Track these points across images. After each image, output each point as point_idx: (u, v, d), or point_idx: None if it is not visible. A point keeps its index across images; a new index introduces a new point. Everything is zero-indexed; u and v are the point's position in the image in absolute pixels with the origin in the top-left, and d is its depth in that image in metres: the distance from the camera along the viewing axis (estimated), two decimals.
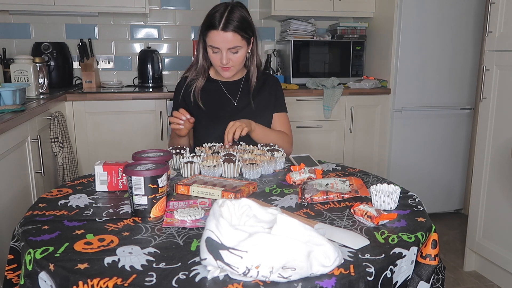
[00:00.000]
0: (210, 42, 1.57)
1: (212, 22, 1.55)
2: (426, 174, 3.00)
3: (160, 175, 0.98)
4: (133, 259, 0.79)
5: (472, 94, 2.98)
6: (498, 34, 2.11)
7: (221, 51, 1.57)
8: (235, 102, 1.72)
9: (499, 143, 2.15)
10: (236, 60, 1.61)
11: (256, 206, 0.80)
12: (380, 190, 1.05)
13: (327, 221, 0.98)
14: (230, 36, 1.54)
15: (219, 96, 1.73)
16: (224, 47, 1.56)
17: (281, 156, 1.41)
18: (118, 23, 3.08)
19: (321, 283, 0.72)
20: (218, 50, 1.58)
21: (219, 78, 1.74)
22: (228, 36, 1.54)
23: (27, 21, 2.93)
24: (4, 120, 1.55)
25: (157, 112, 2.63)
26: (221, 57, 1.58)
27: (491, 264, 2.27)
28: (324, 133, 2.88)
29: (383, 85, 2.94)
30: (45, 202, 1.09)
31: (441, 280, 1.01)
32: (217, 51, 1.58)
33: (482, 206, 2.28)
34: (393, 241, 0.88)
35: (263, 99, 1.73)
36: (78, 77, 3.02)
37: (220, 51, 1.58)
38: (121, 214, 1.02)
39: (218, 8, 1.57)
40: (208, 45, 1.59)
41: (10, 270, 1.00)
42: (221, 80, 1.74)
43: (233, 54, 1.59)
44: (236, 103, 1.72)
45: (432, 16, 2.80)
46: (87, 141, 2.58)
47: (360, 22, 3.15)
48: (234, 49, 1.58)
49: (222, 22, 1.53)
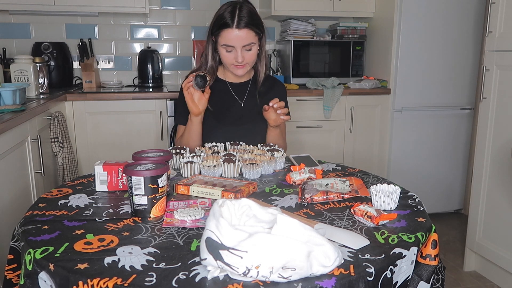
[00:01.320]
0: (223, 41, 1.56)
1: (225, 21, 1.54)
2: (426, 174, 3.00)
3: (160, 175, 0.98)
4: (133, 259, 0.79)
5: (472, 94, 2.98)
6: (498, 34, 2.11)
7: (235, 50, 1.57)
8: (242, 103, 1.72)
9: (499, 143, 2.15)
10: (250, 58, 1.61)
11: (256, 206, 0.80)
12: (380, 190, 1.05)
13: (327, 221, 0.98)
14: (245, 33, 1.54)
15: (226, 96, 1.72)
16: (239, 45, 1.55)
17: (281, 156, 1.41)
18: (118, 23, 3.08)
19: (321, 283, 0.72)
20: (232, 49, 1.57)
21: (227, 79, 1.74)
22: (243, 34, 1.54)
23: (27, 21, 2.93)
24: (4, 120, 1.55)
25: (157, 112, 2.63)
26: (236, 56, 1.57)
27: (491, 264, 2.27)
28: (324, 133, 2.88)
29: (383, 85, 2.94)
30: (45, 202, 1.09)
31: (441, 280, 1.01)
32: (231, 49, 1.57)
33: (482, 206, 2.28)
34: (393, 241, 0.88)
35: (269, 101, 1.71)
36: (78, 77, 3.02)
37: (234, 49, 1.57)
38: (121, 214, 1.02)
39: (227, 7, 1.56)
40: (222, 44, 1.58)
41: (10, 270, 1.00)
42: (229, 81, 1.74)
43: (247, 51, 1.59)
44: (243, 104, 1.72)
45: (432, 16, 2.80)
46: (87, 141, 2.58)
47: (360, 22, 3.15)
48: (248, 46, 1.57)
49: (235, 20, 1.52)
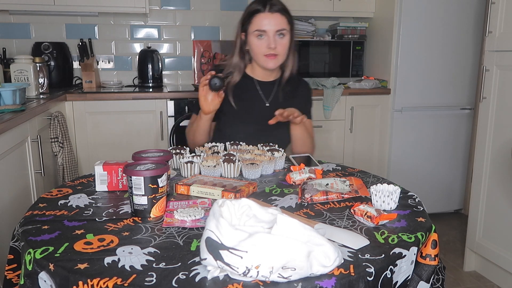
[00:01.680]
0: (256, 26, 1.54)
1: (256, 8, 1.54)
2: (426, 174, 3.00)
3: (160, 175, 0.98)
4: (133, 259, 0.79)
5: (472, 94, 2.98)
6: (498, 34, 2.11)
7: (267, 35, 1.54)
8: (267, 102, 1.69)
9: (499, 143, 2.15)
10: (282, 47, 1.57)
11: (256, 206, 0.80)
12: (380, 190, 1.05)
13: (327, 221, 0.98)
14: (278, 17, 1.53)
15: (252, 94, 1.68)
16: (272, 30, 1.53)
17: (281, 156, 1.41)
18: (118, 23, 3.08)
19: (321, 283, 0.72)
20: (265, 34, 1.55)
21: (255, 76, 1.70)
22: (276, 17, 1.53)
23: (27, 21, 2.93)
24: (4, 120, 1.55)
25: (157, 112, 2.63)
26: (269, 42, 1.54)
27: (491, 264, 2.27)
28: (324, 133, 2.88)
29: (383, 85, 2.94)
30: (45, 202, 1.09)
31: (441, 280, 1.01)
32: (263, 35, 1.55)
33: (482, 206, 2.28)
34: (393, 241, 0.88)
35: (294, 103, 1.64)
36: (78, 77, 3.02)
37: (266, 35, 1.55)
38: (121, 214, 1.02)
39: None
40: (254, 30, 1.55)
41: (10, 270, 1.00)
42: (257, 79, 1.70)
43: (280, 39, 1.56)
44: (268, 104, 1.68)
45: (432, 16, 2.80)
46: (87, 141, 2.58)
47: (360, 22, 3.15)
48: (281, 31, 1.55)
49: (267, 5, 1.53)
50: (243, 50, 1.65)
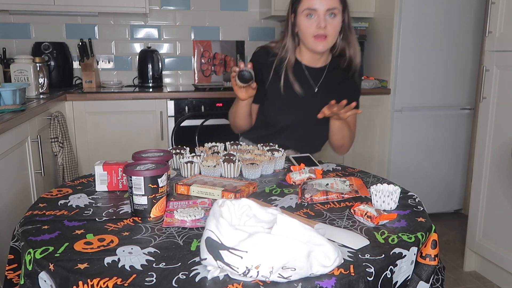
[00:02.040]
0: (306, 5, 1.48)
1: None
2: (426, 174, 3.00)
3: (160, 175, 0.98)
4: (133, 259, 0.79)
5: (472, 94, 2.98)
6: (498, 34, 2.11)
7: (317, 14, 1.48)
8: (316, 88, 1.62)
9: (499, 143, 2.15)
10: (333, 28, 1.50)
11: (256, 206, 0.80)
12: (380, 190, 1.05)
13: (327, 221, 0.98)
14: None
15: (301, 79, 1.61)
16: (322, 8, 1.47)
17: (281, 156, 1.41)
18: (118, 23, 3.08)
19: (321, 283, 0.72)
20: (315, 13, 1.48)
21: (304, 61, 1.63)
22: None
23: (27, 21, 2.93)
24: (4, 120, 1.55)
25: (157, 112, 2.63)
26: (319, 21, 1.47)
27: (491, 264, 2.27)
28: None
29: (383, 85, 2.94)
30: (45, 202, 1.09)
31: (441, 280, 1.01)
32: (313, 14, 1.48)
33: (482, 206, 2.28)
34: (393, 241, 0.88)
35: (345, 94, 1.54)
36: (78, 77, 3.02)
37: (316, 14, 1.48)
38: (121, 214, 1.02)
39: None
40: (304, 9, 1.49)
41: (10, 270, 1.00)
42: (305, 64, 1.63)
43: (331, 19, 1.49)
44: (317, 89, 1.62)
45: (432, 16, 2.80)
46: (87, 141, 2.58)
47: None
48: (332, 10, 1.48)
49: None
50: (293, 32, 1.58)
